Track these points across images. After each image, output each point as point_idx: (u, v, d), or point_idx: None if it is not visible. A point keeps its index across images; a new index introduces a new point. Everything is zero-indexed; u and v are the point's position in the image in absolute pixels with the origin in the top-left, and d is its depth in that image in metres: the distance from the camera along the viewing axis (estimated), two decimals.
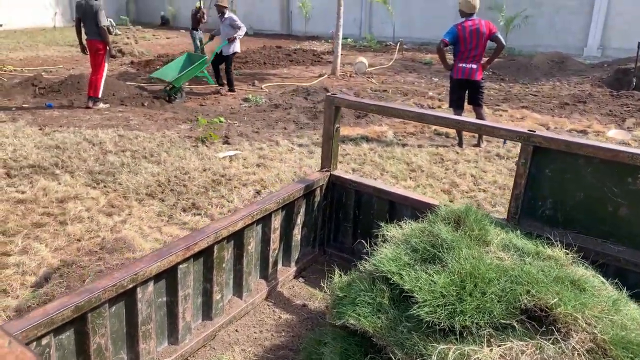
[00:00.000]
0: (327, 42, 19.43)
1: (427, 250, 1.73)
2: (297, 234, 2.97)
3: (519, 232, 2.09)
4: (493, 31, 5.95)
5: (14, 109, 7.89)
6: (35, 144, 5.97)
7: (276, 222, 2.75)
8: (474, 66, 6.08)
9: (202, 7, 13.16)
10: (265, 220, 2.72)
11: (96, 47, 7.99)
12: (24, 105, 8.15)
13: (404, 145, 6.31)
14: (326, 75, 11.98)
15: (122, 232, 3.76)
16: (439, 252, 1.69)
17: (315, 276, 3.15)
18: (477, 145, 6.36)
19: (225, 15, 9.59)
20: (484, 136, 6.39)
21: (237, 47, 9.64)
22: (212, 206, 4.30)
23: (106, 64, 8.13)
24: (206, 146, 6.14)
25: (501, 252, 1.73)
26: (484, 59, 6.30)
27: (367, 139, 6.48)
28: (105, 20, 7.86)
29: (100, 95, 8.06)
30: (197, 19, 12.91)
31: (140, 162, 5.40)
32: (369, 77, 11.92)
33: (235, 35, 9.34)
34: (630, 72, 10.24)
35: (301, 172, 5.19)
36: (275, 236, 2.77)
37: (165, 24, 25.93)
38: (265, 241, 2.77)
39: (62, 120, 7.25)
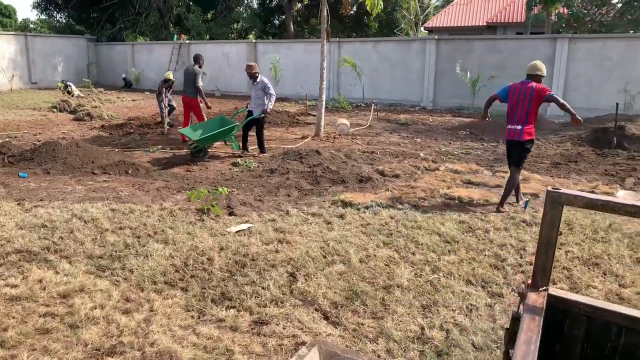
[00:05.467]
0: (297, 104, 19.44)
1: None
2: None
3: None
4: (544, 94, 5.84)
5: None
6: (17, 222, 5.23)
7: None
8: (519, 127, 6.02)
9: (172, 79, 12.64)
10: None
11: (191, 103, 10.34)
12: None
13: (423, 212, 5.97)
14: (310, 137, 11.73)
15: (151, 337, 3.13)
16: None
17: None
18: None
19: (258, 80, 9.42)
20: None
21: (269, 105, 9.52)
22: (246, 296, 3.73)
23: (204, 115, 10.69)
24: (212, 219, 5.58)
25: None
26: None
27: (382, 206, 6.11)
28: (200, 82, 10.15)
29: None
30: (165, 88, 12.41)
31: (146, 242, 4.77)
32: (352, 139, 11.75)
33: (266, 107, 9.37)
34: (610, 132, 10.54)
35: (329, 248, 4.71)
36: None
37: (128, 86, 25.42)
38: None
39: (41, 192, 6.52)
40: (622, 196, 6.76)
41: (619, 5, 20.64)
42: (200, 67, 10.35)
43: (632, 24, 20.01)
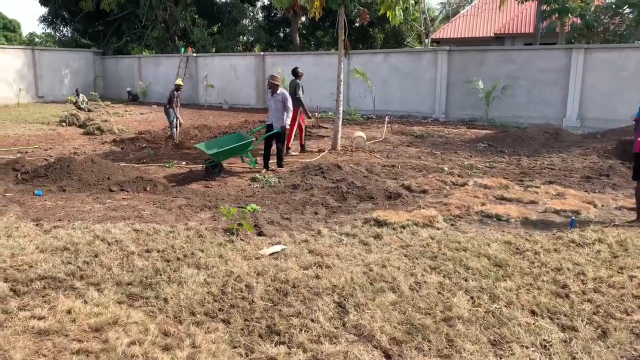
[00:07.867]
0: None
1: None
2: None
3: None
4: None
5: None
6: (37, 245, 4.93)
7: None
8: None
9: (182, 84, 12.54)
10: None
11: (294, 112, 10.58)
12: (6, 194, 7.07)
13: (463, 232, 5.65)
14: (327, 151, 11.45)
15: None
16: None
17: None
18: None
19: (278, 92, 9.14)
20: None
21: (287, 121, 9.25)
22: (295, 330, 3.40)
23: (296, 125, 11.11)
24: (241, 239, 5.27)
25: None
26: None
27: (419, 225, 5.79)
28: (300, 93, 10.88)
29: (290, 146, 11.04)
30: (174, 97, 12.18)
31: (177, 266, 4.46)
32: (371, 152, 11.46)
33: (284, 123, 9.16)
34: None
35: (374, 273, 4.38)
36: None
37: (134, 99, 25.23)
38: None
39: (59, 212, 6.22)
40: None
41: (631, 15, 20.42)
42: (299, 79, 11.11)
43: None
